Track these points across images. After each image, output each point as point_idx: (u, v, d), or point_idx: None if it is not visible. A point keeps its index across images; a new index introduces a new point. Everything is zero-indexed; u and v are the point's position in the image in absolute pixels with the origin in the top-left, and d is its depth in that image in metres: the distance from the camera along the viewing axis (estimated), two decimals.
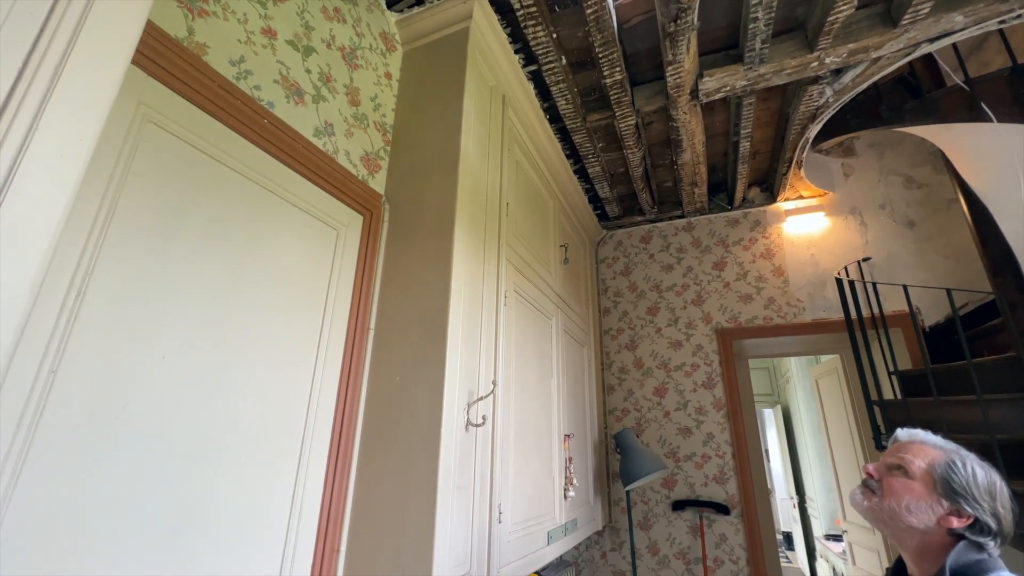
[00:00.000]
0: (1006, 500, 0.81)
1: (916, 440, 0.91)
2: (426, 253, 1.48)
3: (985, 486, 0.81)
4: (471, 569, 1.31)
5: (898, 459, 0.89)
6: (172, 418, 0.92)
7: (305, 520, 1.17)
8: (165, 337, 0.93)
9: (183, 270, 0.98)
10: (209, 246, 1.04)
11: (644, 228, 3.50)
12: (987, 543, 0.79)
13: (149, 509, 0.86)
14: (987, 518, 0.79)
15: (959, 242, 2.66)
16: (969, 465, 0.83)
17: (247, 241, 1.13)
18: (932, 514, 0.82)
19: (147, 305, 0.91)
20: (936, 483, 0.83)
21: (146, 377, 0.89)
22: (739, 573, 2.63)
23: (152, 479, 0.87)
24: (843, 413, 3.34)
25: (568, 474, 2.19)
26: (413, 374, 1.35)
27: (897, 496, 0.85)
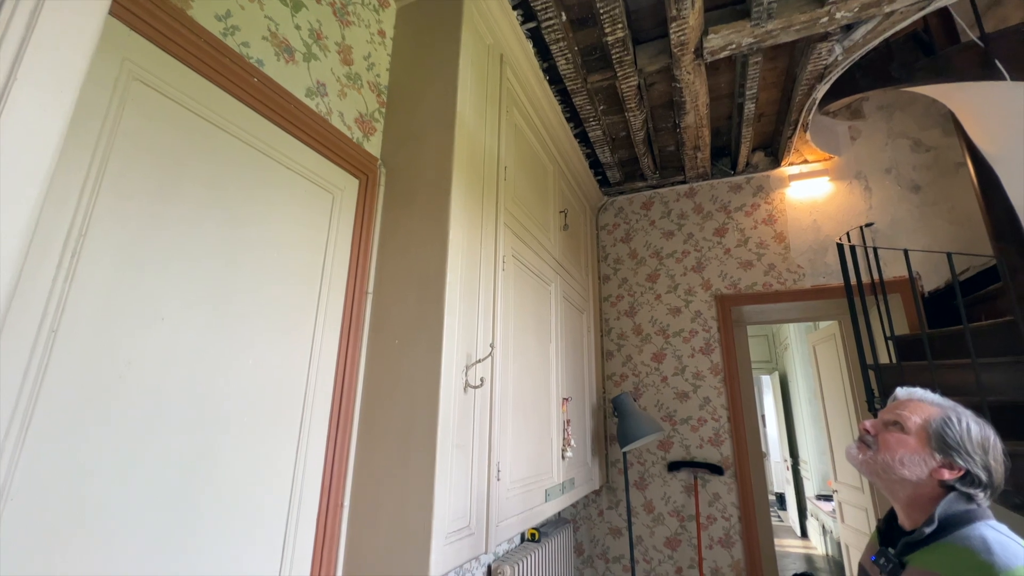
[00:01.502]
0: (999, 454, 0.83)
1: (914, 398, 0.92)
2: (423, 217, 1.47)
3: (978, 440, 0.83)
4: (470, 523, 1.37)
5: (895, 415, 0.90)
6: (174, 378, 0.94)
7: (309, 476, 1.21)
8: (164, 299, 0.94)
9: (179, 233, 0.98)
10: (205, 209, 1.03)
11: (645, 194, 3.45)
12: (977, 494, 0.81)
13: (152, 466, 0.89)
14: (978, 470, 0.81)
15: (964, 207, 2.63)
16: (964, 420, 0.85)
17: (243, 204, 1.12)
18: (925, 467, 0.84)
19: (144, 267, 0.91)
20: (931, 438, 0.85)
21: (147, 338, 0.90)
22: (731, 530, 2.73)
23: (154, 437, 0.90)
24: (839, 378, 3.38)
25: (566, 435, 2.25)
26: (411, 337, 1.36)
27: (892, 450, 0.87)
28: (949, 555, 0.76)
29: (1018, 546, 0.73)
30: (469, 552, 1.34)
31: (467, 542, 1.33)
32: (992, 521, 0.79)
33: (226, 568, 1.00)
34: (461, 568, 1.85)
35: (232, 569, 1.02)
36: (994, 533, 0.75)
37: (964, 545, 0.75)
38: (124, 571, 0.83)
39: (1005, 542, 0.73)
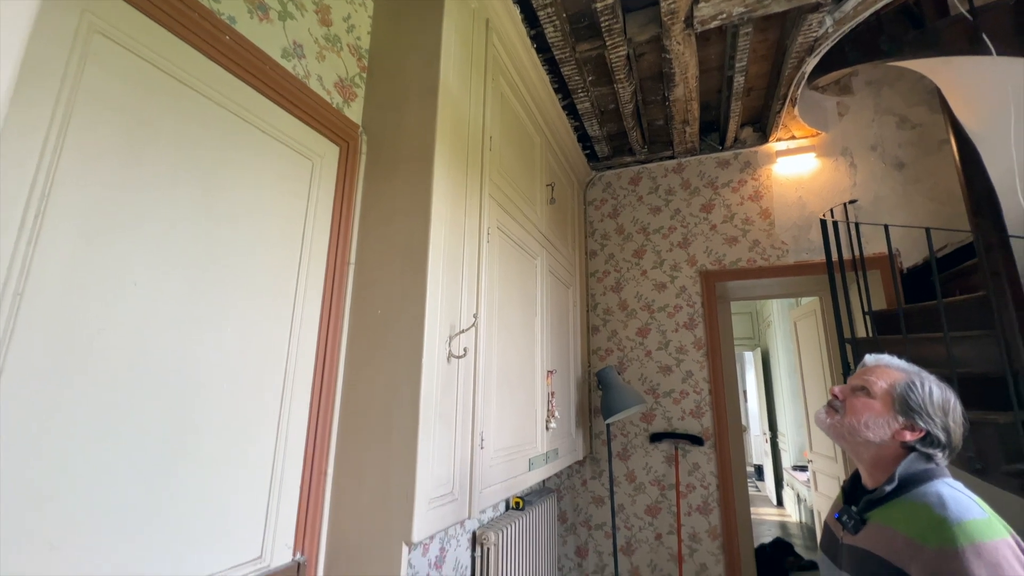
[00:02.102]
0: (958, 416, 0.86)
1: (881, 364, 0.95)
2: (406, 186, 1.45)
3: (939, 403, 0.86)
4: (453, 489, 1.39)
5: (863, 381, 0.93)
6: (149, 345, 0.92)
7: (292, 444, 1.22)
8: (136, 264, 0.91)
9: (150, 196, 0.95)
10: (176, 172, 1.00)
11: (634, 169, 3.43)
12: (936, 454, 0.85)
13: (129, 435, 0.88)
14: (938, 432, 0.84)
15: (945, 184, 2.66)
16: (927, 384, 0.87)
17: (216, 168, 1.09)
18: (888, 429, 0.87)
19: (114, 231, 0.88)
20: (895, 401, 0.87)
21: (118, 303, 0.88)
22: (709, 498, 2.82)
23: (130, 405, 0.89)
24: (818, 353, 3.46)
25: (550, 407, 2.28)
26: (394, 307, 1.36)
27: (858, 414, 0.90)
28: (907, 510, 0.79)
29: (970, 501, 0.77)
30: (452, 517, 1.36)
31: (450, 508, 1.36)
32: (948, 479, 0.83)
33: (209, 537, 1.01)
34: (447, 535, 1.89)
35: (215, 537, 1.02)
36: (949, 489, 0.79)
37: (921, 501, 0.79)
38: (101, 545, 0.83)
39: (958, 497, 0.77)
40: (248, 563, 1.10)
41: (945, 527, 0.73)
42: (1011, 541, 0.71)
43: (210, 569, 1.01)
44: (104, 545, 0.83)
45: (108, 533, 0.84)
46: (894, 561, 0.76)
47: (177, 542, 0.94)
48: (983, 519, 0.73)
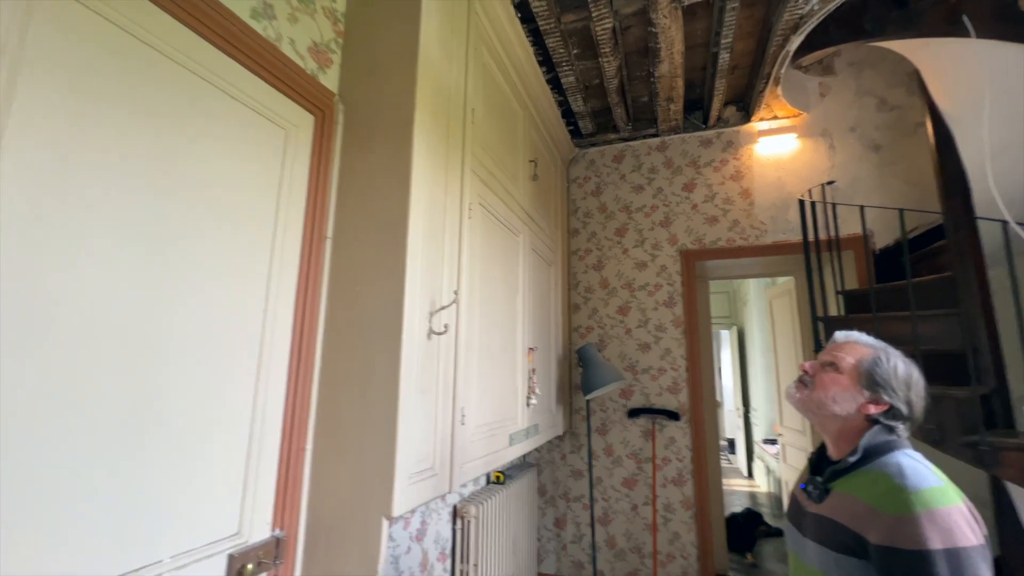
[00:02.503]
0: (920, 390, 0.90)
1: (850, 340, 0.97)
2: (384, 158, 1.40)
3: (903, 378, 0.89)
4: (434, 464, 1.40)
5: (832, 356, 0.95)
6: (111, 318, 0.88)
7: (269, 420, 1.20)
8: (93, 233, 0.87)
9: (106, 161, 0.89)
10: (136, 136, 0.95)
11: (617, 147, 3.41)
12: (897, 426, 0.88)
13: (91, 413, 0.85)
14: (900, 405, 0.87)
15: (919, 167, 2.71)
16: (892, 360, 0.90)
17: (180, 133, 1.03)
18: (854, 403, 0.90)
19: (67, 198, 0.83)
20: (861, 376, 0.90)
21: (75, 273, 0.84)
22: (683, 470, 2.92)
23: (92, 382, 0.85)
24: (791, 331, 3.56)
25: (531, 383, 2.30)
26: (373, 283, 1.33)
27: (826, 388, 0.93)
28: (869, 480, 0.83)
29: (927, 470, 0.80)
30: (432, 492, 1.37)
31: (430, 483, 1.37)
32: (909, 450, 0.86)
33: (183, 513, 1.00)
34: (428, 508, 1.92)
35: (189, 513, 1.01)
36: (908, 460, 0.82)
37: (882, 471, 0.82)
38: (61, 524, 0.81)
39: (917, 467, 0.80)
40: (225, 539, 1.09)
41: (903, 495, 0.76)
42: (963, 508, 0.75)
43: (185, 546, 1.00)
44: (65, 524, 0.80)
45: (70, 512, 0.81)
46: (854, 527, 0.80)
47: (148, 519, 0.93)
48: (938, 487, 0.77)
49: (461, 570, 2.05)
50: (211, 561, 1.05)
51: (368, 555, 1.19)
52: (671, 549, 2.86)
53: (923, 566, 0.70)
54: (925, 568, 0.70)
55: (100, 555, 0.85)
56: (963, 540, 0.71)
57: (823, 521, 0.87)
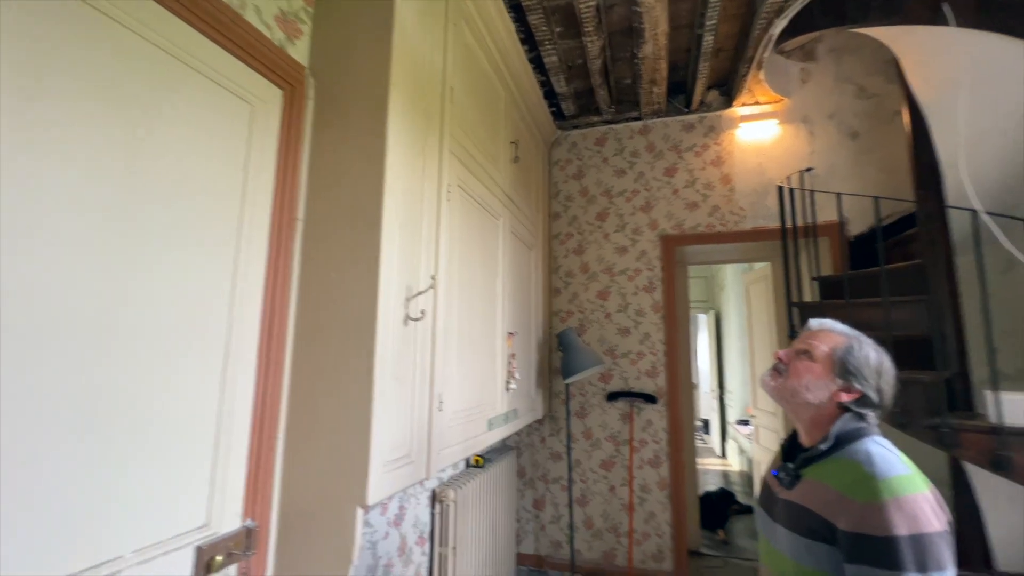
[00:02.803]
0: (890, 378, 0.91)
1: (824, 328, 0.98)
2: (358, 137, 1.34)
3: (875, 366, 0.90)
4: (411, 452, 1.38)
5: (806, 345, 0.96)
6: (64, 303, 0.83)
7: (238, 408, 1.16)
8: (45, 211, 0.80)
9: (57, 134, 0.82)
10: (89, 109, 0.87)
11: (600, 130, 3.37)
12: (868, 414, 0.89)
13: (42, 398, 0.80)
14: (872, 393, 0.89)
15: (895, 156, 2.75)
16: (865, 348, 0.91)
17: (137, 107, 0.96)
18: (827, 391, 0.91)
19: (15, 173, 0.77)
20: (835, 364, 0.91)
21: (25, 257, 0.78)
22: (660, 452, 2.97)
23: (47, 372, 0.80)
24: (767, 316, 3.63)
25: (510, 368, 2.29)
26: (346, 268, 1.28)
27: (800, 376, 0.93)
28: (839, 468, 0.84)
29: (896, 458, 0.82)
30: (409, 479, 1.36)
31: (407, 470, 1.35)
32: (878, 437, 0.88)
33: (146, 505, 0.96)
34: (406, 493, 1.91)
35: (154, 506, 0.97)
36: (877, 447, 0.84)
37: (852, 459, 0.83)
38: (12, 527, 0.76)
39: (886, 455, 0.82)
40: (192, 531, 1.05)
41: (872, 483, 0.77)
42: (929, 495, 0.77)
43: (148, 540, 0.96)
44: (19, 515, 0.76)
45: (15, 506, 0.76)
46: (824, 514, 0.81)
47: (107, 513, 0.89)
48: (906, 475, 0.78)
49: (440, 553, 2.06)
50: (178, 554, 1.02)
51: (343, 544, 1.18)
52: (646, 528, 2.93)
53: (889, 551, 0.72)
54: (891, 553, 0.71)
55: (50, 551, 0.80)
56: (928, 526, 0.73)
57: (794, 507, 0.88)
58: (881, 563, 0.72)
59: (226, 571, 1.12)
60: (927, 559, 0.71)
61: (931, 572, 0.70)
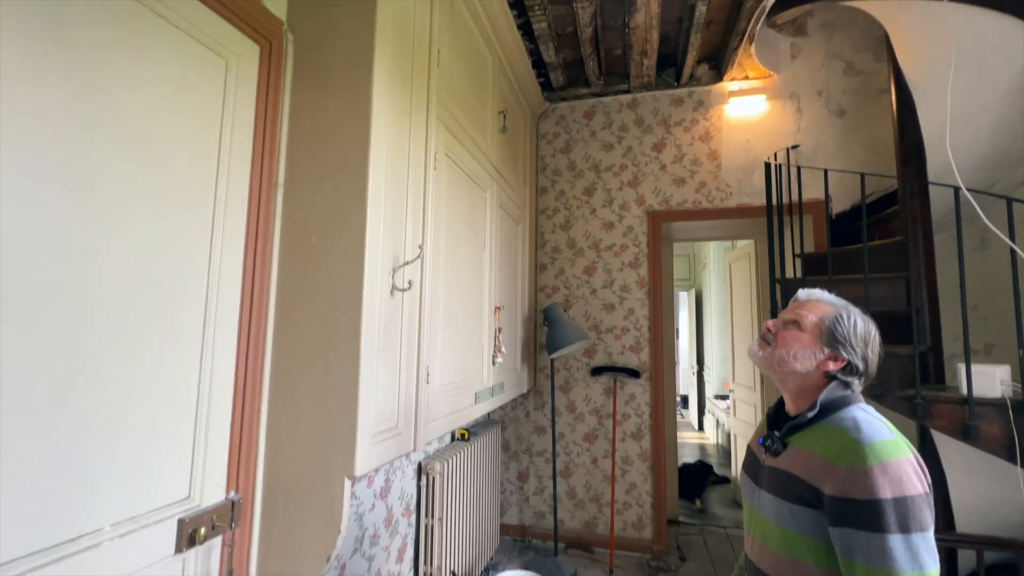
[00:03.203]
0: (876, 347, 0.92)
1: (812, 298, 0.98)
2: (341, 98, 1.28)
3: (862, 335, 0.91)
4: (398, 423, 1.36)
5: (794, 315, 0.96)
6: (26, 270, 0.77)
7: (218, 380, 1.12)
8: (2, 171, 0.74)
9: (19, 91, 0.76)
10: (55, 63, 0.80)
11: (588, 102, 3.31)
12: (853, 382, 0.90)
13: (9, 369, 0.75)
14: (858, 361, 0.90)
15: (880, 134, 2.77)
16: (852, 317, 0.92)
17: (106, 61, 0.89)
18: (814, 360, 0.91)
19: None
20: (823, 333, 0.91)
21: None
22: (642, 425, 3.03)
23: (7, 335, 0.75)
24: (748, 293, 3.69)
25: (497, 342, 2.28)
26: (331, 235, 1.24)
27: (788, 346, 0.94)
28: (825, 434, 0.85)
29: (881, 424, 0.83)
30: (396, 450, 1.35)
31: (394, 441, 1.34)
32: (863, 404, 0.89)
33: (125, 478, 0.92)
34: (392, 466, 1.90)
35: (134, 479, 0.94)
36: (863, 414, 0.85)
37: (838, 426, 0.84)
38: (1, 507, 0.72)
39: (871, 421, 0.83)
40: (175, 504, 1.03)
41: (857, 448, 0.78)
42: (912, 459, 0.78)
43: (128, 512, 0.93)
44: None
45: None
46: (809, 480, 0.82)
47: (84, 486, 0.85)
48: (891, 440, 0.79)
49: (426, 524, 2.08)
50: (160, 527, 0.99)
51: (331, 515, 1.16)
52: (628, 498, 3.01)
53: (874, 513, 0.73)
54: (875, 515, 0.73)
55: (26, 525, 0.77)
56: (911, 489, 0.74)
57: (779, 473, 0.89)
58: (865, 525, 0.73)
59: (210, 543, 1.11)
60: (909, 520, 0.72)
61: (913, 532, 0.72)
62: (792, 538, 0.84)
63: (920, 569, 0.71)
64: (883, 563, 0.71)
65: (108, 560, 0.89)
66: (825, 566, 0.79)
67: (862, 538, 0.73)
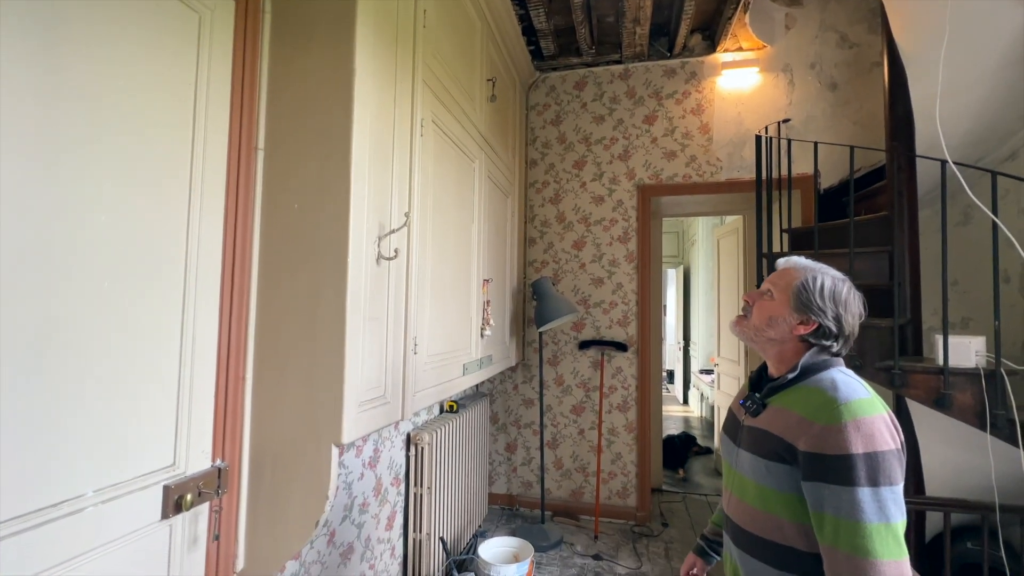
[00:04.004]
0: (851, 306, 0.91)
1: (788, 266, 0.98)
2: (322, 57, 1.23)
3: (829, 294, 0.90)
4: (385, 392, 1.36)
5: (768, 285, 0.97)
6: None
7: (200, 346, 1.10)
8: None
9: None
10: (10, 21, 0.75)
11: (579, 72, 3.24)
12: (831, 345, 0.91)
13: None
14: (829, 323, 0.89)
15: (870, 108, 2.76)
16: (819, 278, 0.91)
17: (61, 20, 0.83)
18: (786, 326, 0.92)
19: None
20: (790, 299, 0.92)
21: None
22: (628, 397, 3.08)
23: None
24: (735, 269, 3.72)
25: (486, 315, 2.28)
26: (314, 201, 1.21)
27: (762, 315, 0.95)
28: (803, 395, 0.87)
29: (858, 384, 0.85)
30: (384, 419, 1.35)
31: (382, 410, 1.34)
32: (843, 367, 0.90)
33: (107, 445, 0.91)
34: (380, 436, 1.91)
35: (116, 446, 0.93)
36: (841, 375, 0.86)
37: (816, 386, 0.86)
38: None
39: (848, 380, 0.85)
40: (159, 471, 1.02)
41: (833, 406, 0.80)
42: (886, 416, 0.80)
43: (111, 479, 0.92)
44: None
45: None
46: (786, 437, 0.84)
47: (64, 453, 0.84)
48: (867, 399, 0.81)
49: (415, 493, 2.11)
50: (144, 493, 0.99)
51: (319, 482, 1.17)
52: (613, 468, 3.08)
53: (845, 468, 0.75)
54: (846, 469, 0.75)
55: (5, 491, 0.76)
56: (883, 445, 0.76)
57: (757, 432, 0.91)
58: (836, 479, 0.75)
59: (197, 510, 1.11)
60: (878, 474, 0.74)
61: (882, 486, 0.74)
62: (767, 493, 0.86)
63: (887, 520, 0.73)
64: (851, 514, 0.73)
65: (92, 525, 0.88)
66: (798, 520, 0.82)
67: (832, 491, 0.75)
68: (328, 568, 1.60)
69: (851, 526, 0.73)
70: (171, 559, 1.05)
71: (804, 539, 0.81)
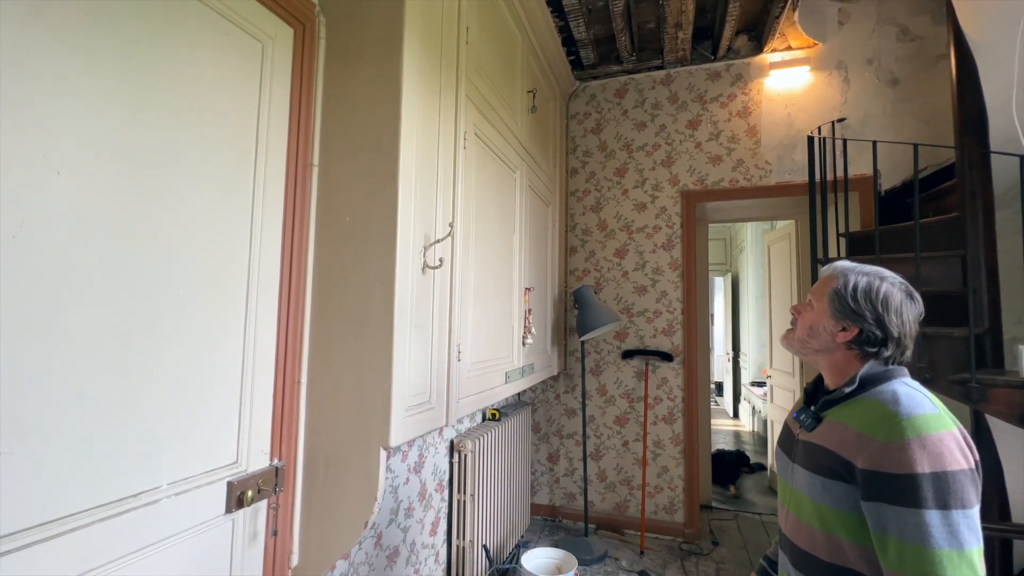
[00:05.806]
0: (894, 304, 0.82)
1: (829, 272, 0.93)
2: (372, 78, 1.30)
3: (864, 295, 0.83)
4: (431, 398, 1.40)
5: (811, 295, 0.93)
6: (86, 241, 0.83)
7: (261, 354, 1.17)
8: (57, 149, 0.79)
9: (61, 72, 0.80)
10: (100, 45, 0.85)
11: (620, 80, 3.22)
12: (882, 352, 0.83)
13: (77, 337, 0.81)
14: (870, 326, 0.82)
15: (936, 104, 2.59)
16: (852, 280, 0.85)
17: (149, 45, 0.93)
18: (827, 334, 0.87)
19: (23, 111, 0.75)
20: (827, 306, 0.87)
21: (41, 195, 0.77)
22: (674, 409, 2.99)
23: (77, 310, 0.81)
24: (788, 276, 3.55)
25: (527, 323, 2.29)
26: (364, 213, 1.27)
27: (804, 326, 0.91)
28: (862, 408, 0.81)
29: (924, 397, 0.77)
30: (429, 424, 1.38)
31: (427, 415, 1.37)
32: (906, 379, 0.83)
33: (180, 442, 0.99)
34: (425, 442, 1.96)
35: (187, 443, 1.00)
36: (904, 387, 0.79)
37: (876, 399, 0.79)
38: (61, 448, 0.79)
39: (912, 394, 0.77)
40: (224, 467, 1.09)
41: (895, 421, 0.74)
42: (956, 433, 0.73)
43: (183, 473, 1.00)
44: (64, 448, 0.79)
45: (66, 436, 0.80)
46: (842, 453, 0.79)
47: (142, 448, 0.92)
48: (933, 413, 0.74)
49: (458, 500, 2.13)
50: (211, 488, 1.06)
51: (368, 483, 1.21)
52: (659, 482, 2.99)
53: (910, 488, 0.69)
54: (912, 490, 0.69)
55: (93, 480, 0.84)
56: (953, 464, 0.70)
57: (813, 448, 0.86)
58: (899, 500, 0.70)
59: (257, 506, 1.17)
60: (949, 497, 0.68)
61: (953, 510, 0.68)
62: (825, 512, 0.81)
63: (960, 547, 0.67)
64: (918, 538, 0.67)
65: (167, 516, 0.96)
66: (858, 541, 0.77)
67: (896, 513, 0.70)
68: (375, 569, 1.64)
69: (918, 551, 0.67)
70: (233, 552, 1.11)
71: (866, 563, 0.76)
